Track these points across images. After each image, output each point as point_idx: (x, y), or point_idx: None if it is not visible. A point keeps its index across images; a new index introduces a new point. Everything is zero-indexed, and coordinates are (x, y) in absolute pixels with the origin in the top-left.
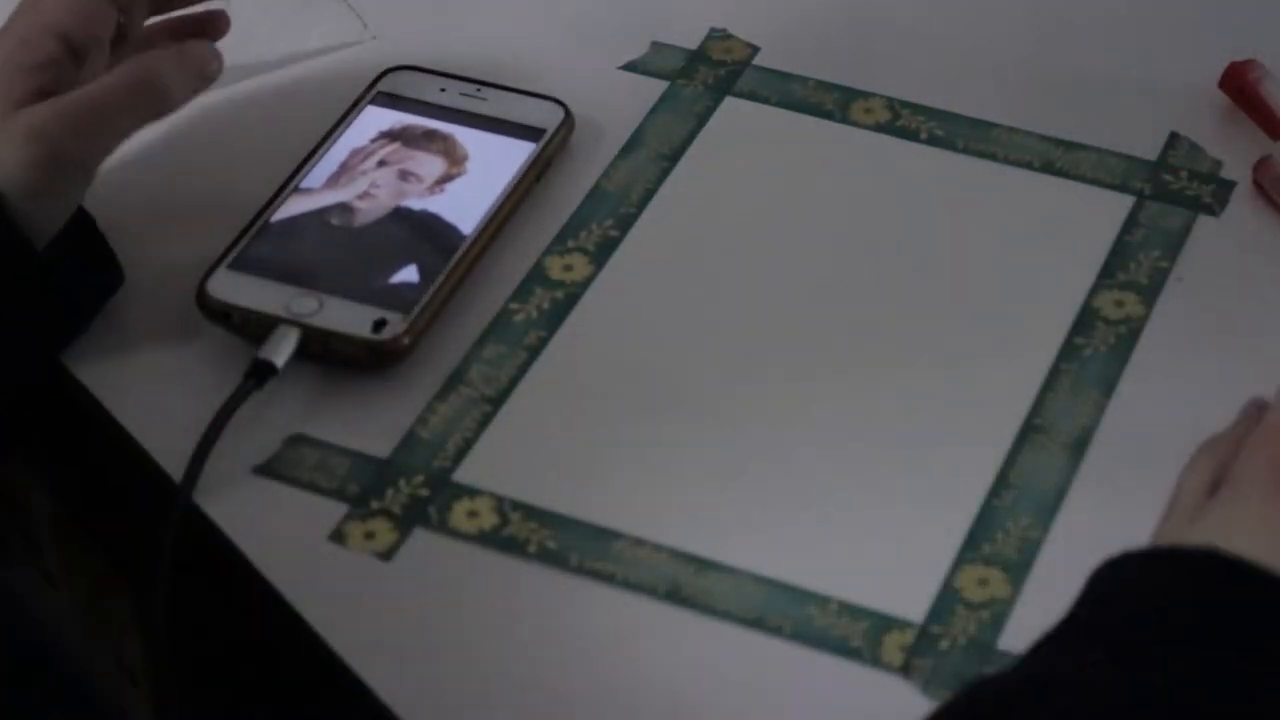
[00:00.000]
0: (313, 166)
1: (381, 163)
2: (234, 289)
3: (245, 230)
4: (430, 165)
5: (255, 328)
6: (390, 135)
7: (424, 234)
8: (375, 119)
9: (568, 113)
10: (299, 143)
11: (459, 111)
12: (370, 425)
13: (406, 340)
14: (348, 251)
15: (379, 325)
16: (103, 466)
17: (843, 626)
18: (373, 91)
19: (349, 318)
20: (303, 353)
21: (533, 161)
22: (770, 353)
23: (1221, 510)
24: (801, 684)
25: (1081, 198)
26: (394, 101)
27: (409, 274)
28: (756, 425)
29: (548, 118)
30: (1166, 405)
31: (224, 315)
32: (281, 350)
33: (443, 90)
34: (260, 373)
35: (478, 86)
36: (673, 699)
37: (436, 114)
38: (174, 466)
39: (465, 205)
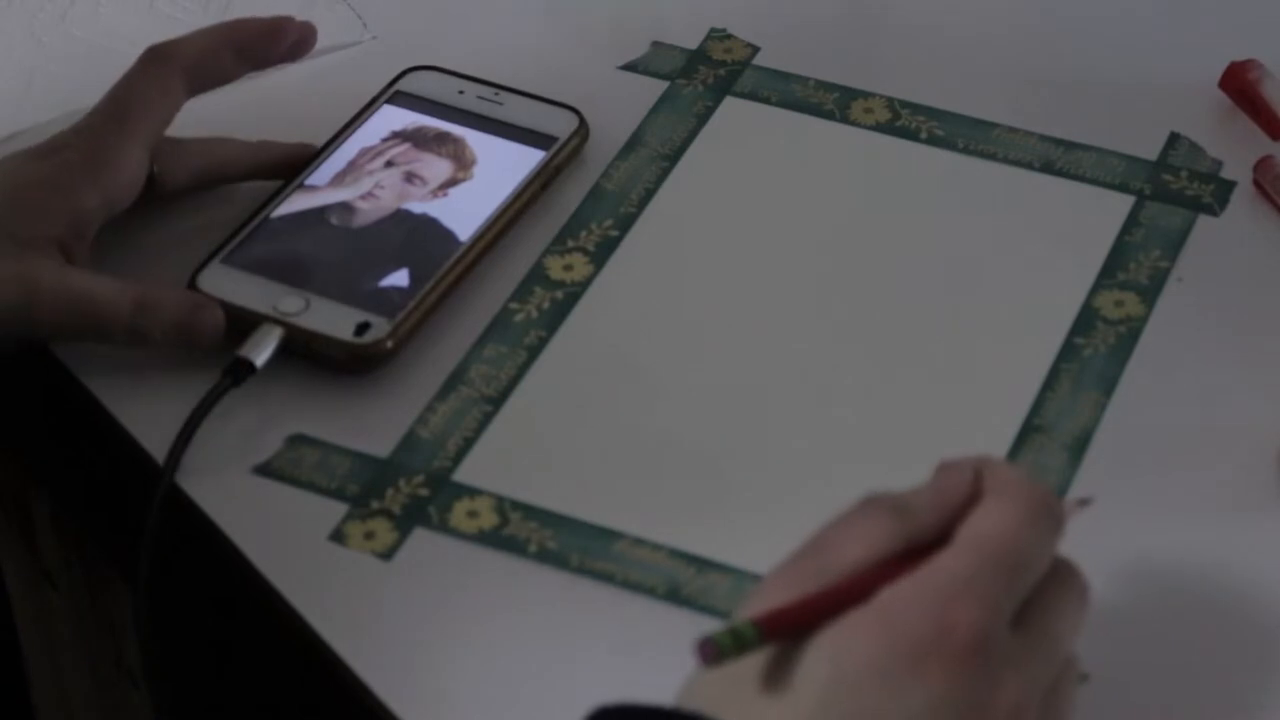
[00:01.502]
0: (320, 163)
1: (389, 163)
2: (223, 284)
3: (243, 225)
4: (437, 168)
5: (241, 324)
6: (401, 136)
7: (420, 238)
8: (390, 118)
9: (582, 121)
10: (298, 142)
11: (474, 115)
12: (370, 425)
13: (389, 345)
14: (342, 252)
15: (362, 328)
16: (102, 466)
17: None
18: (390, 90)
19: (333, 319)
20: (289, 352)
21: (539, 170)
22: (770, 352)
23: (836, 661)
24: None
25: (1081, 198)
26: (410, 101)
27: (399, 278)
28: (757, 425)
29: (562, 126)
30: (1166, 405)
31: None
32: (262, 349)
33: (461, 93)
34: (239, 371)
35: (496, 90)
36: (673, 699)
37: (451, 116)
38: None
39: (466, 211)
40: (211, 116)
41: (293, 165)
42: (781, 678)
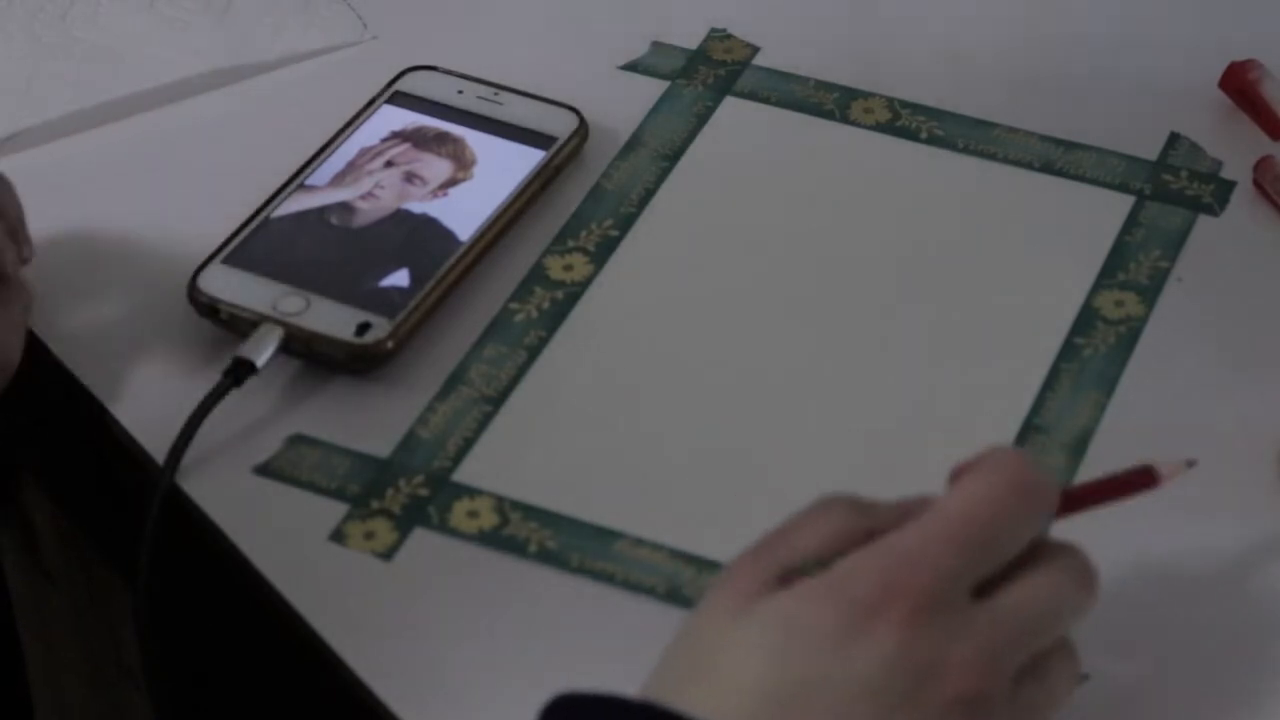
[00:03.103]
0: (320, 164)
1: (389, 163)
2: (224, 284)
3: (243, 225)
4: (437, 168)
5: (242, 324)
6: (401, 136)
7: (420, 238)
8: (389, 118)
9: (582, 121)
10: (296, 142)
11: (473, 115)
12: (370, 425)
13: (390, 345)
14: (342, 252)
15: (363, 328)
16: (101, 465)
17: None
18: (389, 90)
19: (333, 319)
20: (290, 352)
21: (539, 170)
22: (770, 352)
23: (783, 614)
24: None
25: (1081, 198)
26: (410, 102)
27: (399, 278)
28: (757, 425)
29: (561, 126)
30: (1166, 405)
31: (212, 310)
32: (263, 349)
33: (460, 92)
34: (239, 371)
35: (495, 90)
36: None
37: (451, 116)
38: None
39: (466, 211)
40: (211, 117)
41: None
42: (732, 647)
